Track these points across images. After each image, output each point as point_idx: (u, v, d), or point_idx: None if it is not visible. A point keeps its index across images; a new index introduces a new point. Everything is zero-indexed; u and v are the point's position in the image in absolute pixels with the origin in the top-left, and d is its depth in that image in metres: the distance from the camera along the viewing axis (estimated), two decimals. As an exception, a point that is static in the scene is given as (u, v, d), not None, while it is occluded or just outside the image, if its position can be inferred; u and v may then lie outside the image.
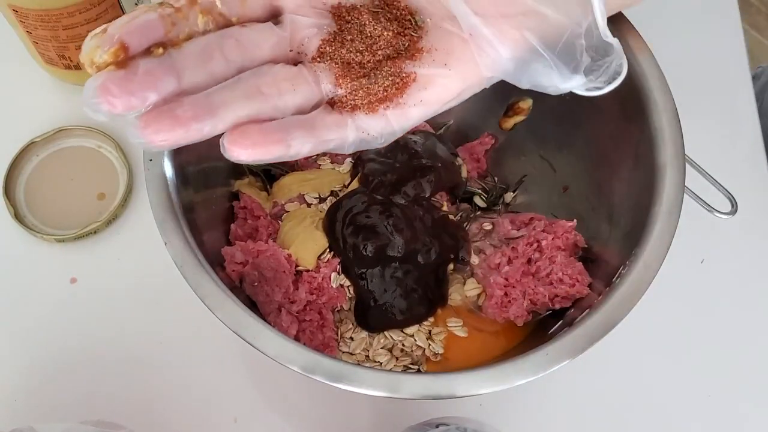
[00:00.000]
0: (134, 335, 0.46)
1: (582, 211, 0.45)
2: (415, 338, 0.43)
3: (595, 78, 0.32)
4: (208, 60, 0.29)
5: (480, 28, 0.31)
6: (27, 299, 0.47)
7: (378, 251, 0.43)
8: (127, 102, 0.26)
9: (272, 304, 0.40)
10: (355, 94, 0.31)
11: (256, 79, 0.29)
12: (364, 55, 0.31)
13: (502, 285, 0.42)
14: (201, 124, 0.28)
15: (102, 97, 0.26)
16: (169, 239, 0.35)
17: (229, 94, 0.28)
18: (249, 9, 0.30)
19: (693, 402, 0.47)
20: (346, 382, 0.32)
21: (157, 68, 0.27)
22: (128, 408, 0.45)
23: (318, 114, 0.31)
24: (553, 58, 0.31)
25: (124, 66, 0.27)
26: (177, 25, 0.28)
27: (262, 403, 0.45)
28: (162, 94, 0.27)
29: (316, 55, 0.31)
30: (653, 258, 0.36)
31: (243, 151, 0.28)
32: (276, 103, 0.29)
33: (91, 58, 0.27)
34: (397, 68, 0.32)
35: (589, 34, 0.31)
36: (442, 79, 0.32)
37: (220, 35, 0.29)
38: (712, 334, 0.49)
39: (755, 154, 0.54)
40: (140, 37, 0.27)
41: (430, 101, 0.32)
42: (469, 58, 0.32)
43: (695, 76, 0.55)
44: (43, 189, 0.50)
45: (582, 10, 0.30)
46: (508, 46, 0.31)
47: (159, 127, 0.27)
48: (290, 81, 0.30)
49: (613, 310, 0.35)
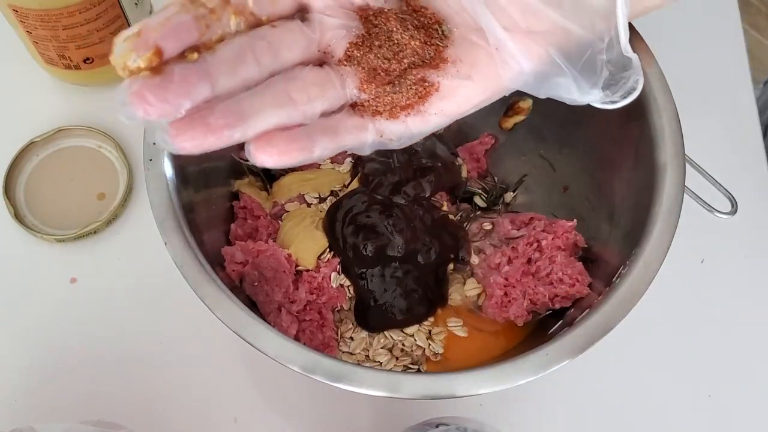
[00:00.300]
0: (134, 335, 0.46)
1: (582, 211, 0.45)
2: (415, 338, 0.43)
3: (612, 93, 0.32)
4: (241, 64, 0.28)
5: (507, 42, 0.31)
6: (27, 299, 0.47)
7: (378, 251, 0.43)
8: (161, 109, 0.26)
9: (272, 303, 0.40)
10: (378, 100, 0.31)
11: (286, 84, 0.29)
12: (391, 62, 0.31)
13: (502, 285, 0.42)
14: (232, 131, 0.27)
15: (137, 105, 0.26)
16: (169, 239, 0.35)
17: (260, 101, 0.28)
18: (279, 8, 0.30)
19: (693, 402, 0.47)
20: (346, 382, 0.32)
21: (193, 74, 0.27)
22: (128, 408, 0.45)
23: (341, 118, 0.31)
24: (575, 73, 0.31)
25: (159, 72, 0.26)
26: (211, 28, 0.27)
27: (262, 403, 0.45)
28: (196, 101, 0.27)
29: (344, 58, 0.31)
30: (653, 258, 0.36)
31: (269, 158, 0.28)
32: (305, 109, 0.29)
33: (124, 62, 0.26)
34: (421, 77, 0.32)
35: (610, 48, 0.31)
36: (464, 90, 0.32)
37: (252, 37, 0.29)
38: (713, 333, 0.49)
39: (755, 153, 0.54)
40: (175, 41, 0.26)
41: (450, 111, 0.32)
42: (492, 71, 0.32)
43: (695, 76, 0.55)
44: (43, 189, 0.50)
45: (606, 25, 0.31)
46: (532, 60, 0.31)
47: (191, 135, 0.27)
48: (319, 86, 0.30)
49: (613, 310, 0.35)
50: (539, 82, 0.32)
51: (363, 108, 0.31)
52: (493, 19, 0.31)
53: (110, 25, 0.47)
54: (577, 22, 0.31)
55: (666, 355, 0.48)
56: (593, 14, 0.31)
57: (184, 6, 0.27)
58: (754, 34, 0.78)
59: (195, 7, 0.27)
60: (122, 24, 0.48)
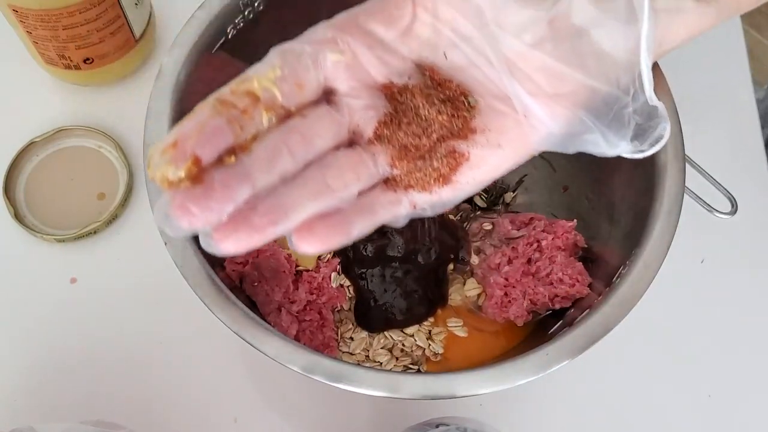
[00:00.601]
0: (134, 335, 0.46)
1: (582, 211, 0.44)
2: (415, 338, 0.43)
3: (641, 143, 0.32)
4: (277, 160, 0.28)
5: (534, 108, 0.31)
6: (27, 299, 0.47)
7: (378, 251, 0.43)
8: (206, 219, 0.26)
9: (272, 304, 0.40)
10: (410, 175, 0.31)
11: (322, 173, 0.29)
12: (421, 138, 0.31)
13: (502, 285, 0.42)
14: (276, 227, 0.27)
15: (182, 217, 0.25)
16: (168, 239, 0.35)
17: (300, 193, 0.28)
18: (306, 96, 0.30)
19: (693, 402, 0.47)
20: (346, 382, 0.32)
21: (233, 179, 0.26)
22: (128, 408, 0.45)
23: (375, 195, 0.31)
24: (603, 130, 0.31)
25: (200, 180, 0.26)
26: (245, 129, 0.27)
27: (262, 403, 0.45)
28: (238, 204, 0.27)
29: (373, 138, 0.31)
30: (653, 258, 0.36)
31: (311, 247, 0.28)
32: (342, 194, 0.30)
33: (163, 176, 0.25)
34: (450, 149, 0.32)
35: (635, 99, 0.31)
36: (494, 158, 0.32)
37: (285, 131, 0.29)
38: (713, 334, 0.49)
39: (755, 154, 0.54)
40: (212, 148, 0.26)
41: (481, 178, 0.32)
42: (521, 136, 0.32)
43: (695, 76, 0.55)
44: (43, 189, 0.50)
45: (630, 77, 0.31)
46: (560, 123, 0.31)
47: (237, 237, 0.27)
48: (354, 170, 0.30)
49: (613, 310, 0.35)
50: (568, 140, 0.32)
51: (395, 183, 0.31)
52: (519, 86, 0.31)
53: (110, 25, 0.47)
54: (602, 79, 0.31)
55: (666, 355, 0.48)
56: (617, 69, 0.31)
57: (215, 108, 0.27)
58: (754, 34, 0.78)
59: (226, 108, 0.27)
60: (122, 24, 0.48)
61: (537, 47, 0.30)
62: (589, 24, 0.30)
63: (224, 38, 0.40)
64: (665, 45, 0.32)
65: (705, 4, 0.32)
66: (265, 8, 0.41)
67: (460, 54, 0.31)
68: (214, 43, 0.39)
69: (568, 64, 0.30)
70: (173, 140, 0.26)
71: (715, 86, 0.56)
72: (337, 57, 0.30)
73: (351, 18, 0.31)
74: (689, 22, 0.32)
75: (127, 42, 0.49)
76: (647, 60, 0.30)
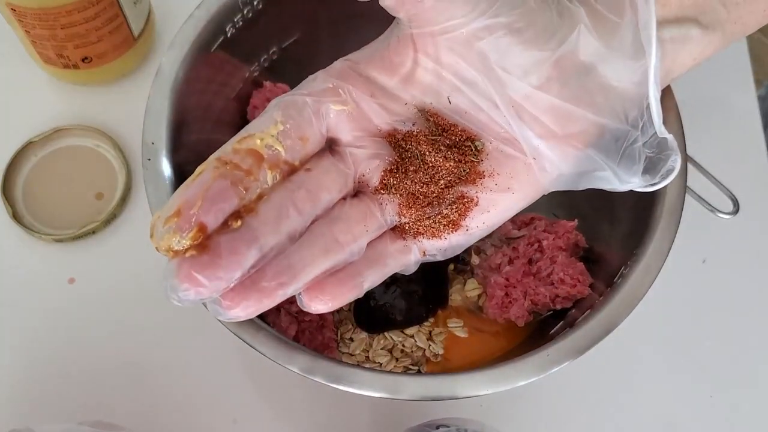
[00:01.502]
0: (133, 336, 0.46)
1: (583, 211, 0.44)
2: (416, 339, 0.43)
3: (652, 177, 0.32)
4: (284, 219, 0.27)
5: (543, 150, 0.30)
6: (25, 299, 0.47)
7: (378, 251, 0.42)
8: (215, 287, 0.25)
9: (271, 304, 0.40)
10: (419, 224, 0.31)
11: (330, 228, 0.29)
12: (429, 186, 0.31)
13: (502, 285, 0.42)
14: (286, 290, 0.27)
15: (189, 288, 0.25)
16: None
17: (309, 252, 0.28)
18: (310, 148, 0.29)
19: (695, 403, 0.47)
20: (345, 383, 0.32)
21: (240, 244, 0.26)
22: (127, 408, 0.44)
23: (384, 245, 0.31)
24: (614, 168, 0.31)
25: (205, 248, 0.25)
26: (249, 190, 0.27)
27: (261, 404, 0.45)
28: (246, 270, 0.26)
29: (380, 187, 0.31)
30: (655, 258, 0.36)
31: (323, 305, 0.28)
32: (351, 248, 0.29)
33: (168, 245, 0.25)
34: (459, 195, 0.31)
35: (644, 132, 0.31)
36: (505, 201, 0.32)
37: (290, 189, 0.28)
38: (715, 334, 0.48)
39: (757, 153, 0.54)
40: (217, 213, 0.25)
41: (492, 222, 0.32)
42: (531, 179, 0.31)
43: (697, 76, 0.55)
44: (41, 189, 0.50)
45: (639, 111, 0.30)
46: (570, 163, 0.31)
47: (246, 304, 0.26)
48: (362, 222, 0.30)
49: (615, 310, 0.35)
50: (579, 179, 0.32)
51: (404, 231, 0.31)
52: (527, 129, 0.30)
53: (108, 23, 0.47)
54: (611, 115, 0.30)
55: (668, 355, 0.48)
56: (625, 103, 0.30)
57: (217, 169, 0.26)
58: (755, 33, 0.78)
59: (230, 169, 0.26)
60: (121, 23, 0.48)
61: (543, 88, 0.29)
62: (596, 60, 0.30)
63: (223, 37, 0.40)
64: (672, 74, 0.32)
65: (711, 31, 0.31)
66: (264, 7, 0.41)
67: (464, 98, 0.31)
68: (213, 42, 0.39)
69: (576, 102, 0.30)
70: (177, 208, 0.25)
71: (716, 86, 0.56)
72: (340, 108, 0.30)
73: (351, 66, 0.31)
74: (695, 51, 0.31)
75: (125, 41, 0.49)
76: (656, 93, 0.30)
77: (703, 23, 0.31)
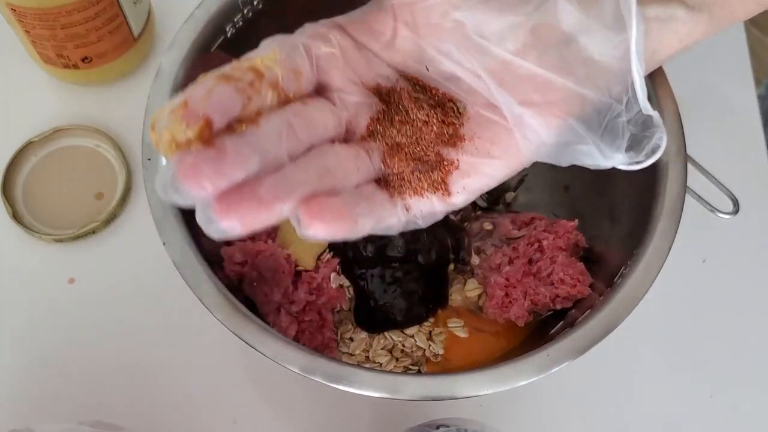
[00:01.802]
0: (132, 336, 0.46)
1: (583, 211, 0.44)
2: (416, 339, 0.43)
3: (636, 154, 0.32)
4: (283, 138, 0.27)
5: (524, 117, 0.30)
6: (25, 300, 0.47)
7: (378, 251, 0.42)
8: (218, 184, 0.24)
9: (271, 304, 0.40)
10: (401, 177, 0.31)
11: (324, 160, 0.29)
12: (412, 140, 0.31)
13: (502, 285, 0.42)
14: (282, 204, 0.26)
15: (192, 180, 0.23)
16: (167, 239, 0.35)
17: (304, 174, 0.27)
18: (302, 85, 0.29)
19: (695, 403, 0.47)
20: (345, 383, 0.32)
21: (244, 147, 0.25)
22: (126, 408, 0.44)
23: (372, 192, 0.31)
24: (596, 141, 0.31)
25: (211, 144, 0.24)
26: (252, 101, 0.26)
27: (261, 405, 0.45)
28: (249, 175, 0.25)
29: (366, 134, 0.31)
30: (655, 258, 0.36)
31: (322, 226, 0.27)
32: (344, 183, 0.29)
33: (172, 136, 0.24)
34: (441, 156, 0.31)
35: (629, 108, 0.31)
36: (486, 167, 0.32)
37: (291, 113, 0.28)
38: (714, 334, 0.48)
39: (757, 153, 0.54)
40: (222, 113, 0.25)
41: (473, 187, 0.32)
42: (512, 146, 0.31)
43: (697, 75, 0.55)
44: (41, 189, 0.50)
45: (623, 86, 0.30)
46: (551, 132, 0.31)
47: (243, 212, 0.25)
48: (353, 161, 0.30)
49: (615, 310, 0.35)
50: (561, 151, 0.31)
51: (387, 184, 0.31)
52: (508, 96, 0.30)
53: (109, 23, 0.47)
54: (593, 87, 0.30)
55: (668, 355, 0.48)
56: (608, 77, 0.30)
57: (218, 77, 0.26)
58: (755, 32, 0.77)
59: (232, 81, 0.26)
60: (121, 23, 0.48)
61: (521, 55, 0.30)
62: (577, 31, 0.30)
63: (223, 37, 0.40)
64: (658, 55, 0.32)
65: (697, 12, 0.31)
66: (264, 7, 0.41)
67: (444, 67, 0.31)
68: (213, 42, 0.39)
69: (557, 71, 0.30)
70: (183, 100, 0.24)
71: (717, 85, 0.56)
72: (329, 49, 0.30)
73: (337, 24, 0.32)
74: (682, 32, 0.31)
75: (125, 41, 0.49)
76: (638, 68, 0.30)
77: (689, 4, 0.31)
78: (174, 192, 0.24)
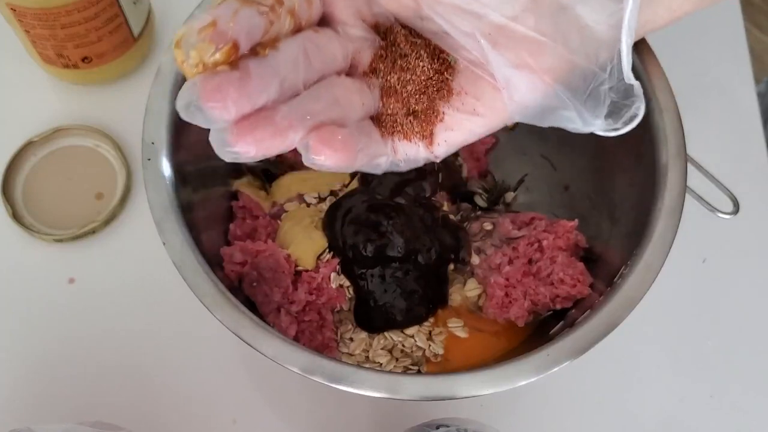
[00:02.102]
0: (132, 336, 0.46)
1: (583, 211, 0.44)
2: (416, 339, 0.43)
3: (615, 121, 0.32)
4: (300, 65, 0.27)
5: (514, 79, 0.31)
6: (25, 300, 0.47)
7: (378, 251, 0.42)
8: (242, 107, 0.24)
9: (271, 304, 0.40)
10: (394, 119, 0.32)
11: (334, 91, 0.29)
12: (408, 83, 0.32)
13: (502, 285, 0.42)
14: (295, 133, 0.26)
15: (215, 102, 0.23)
16: (167, 239, 0.35)
17: (316, 103, 0.28)
18: (314, 15, 0.29)
19: (695, 403, 0.47)
20: (345, 383, 0.32)
21: (267, 71, 0.25)
22: (126, 409, 0.44)
23: (370, 127, 0.31)
24: (579, 107, 0.32)
25: (236, 67, 0.24)
26: (273, 25, 0.26)
27: (261, 405, 0.45)
28: (270, 100, 0.25)
29: (369, 70, 0.32)
30: (655, 258, 0.36)
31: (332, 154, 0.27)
32: (350, 115, 0.29)
33: (199, 56, 0.23)
34: (429, 106, 0.32)
35: (612, 76, 0.31)
36: (469, 123, 0.33)
37: (305, 39, 0.28)
38: (715, 334, 0.48)
39: (757, 153, 0.54)
40: (248, 36, 0.24)
41: (454, 141, 0.33)
42: (497, 104, 0.32)
43: (697, 75, 0.55)
44: (41, 189, 0.50)
45: (609, 54, 0.31)
46: (537, 96, 0.31)
47: (259, 137, 0.25)
48: (358, 95, 0.30)
49: (615, 310, 0.35)
50: (544, 114, 0.32)
51: (380, 123, 0.32)
52: (500, 56, 0.31)
53: (108, 23, 0.47)
54: (582, 55, 0.31)
55: (667, 355, 0.48)
56: (598, 45, 0.31)
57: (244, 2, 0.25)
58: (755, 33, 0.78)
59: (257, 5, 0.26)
60: (121, 22, 0.48)
61: (519, 20, 0.30)
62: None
63: (223, 37, 0.40)
64: (647, 26, 0.33)
65: None
66: (264, 7, 0.40)
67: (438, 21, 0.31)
68: (212, 42, 0.39)
69: (551, 37, 0.30)
70: (212, 20, 0.24)
71: (716, 85, 0.56)
72: None
73: None
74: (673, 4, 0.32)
75: (125, 41, 0.49)
76: (628, 37, 0.30)
77: None
78: (197, 112, 0.24)
